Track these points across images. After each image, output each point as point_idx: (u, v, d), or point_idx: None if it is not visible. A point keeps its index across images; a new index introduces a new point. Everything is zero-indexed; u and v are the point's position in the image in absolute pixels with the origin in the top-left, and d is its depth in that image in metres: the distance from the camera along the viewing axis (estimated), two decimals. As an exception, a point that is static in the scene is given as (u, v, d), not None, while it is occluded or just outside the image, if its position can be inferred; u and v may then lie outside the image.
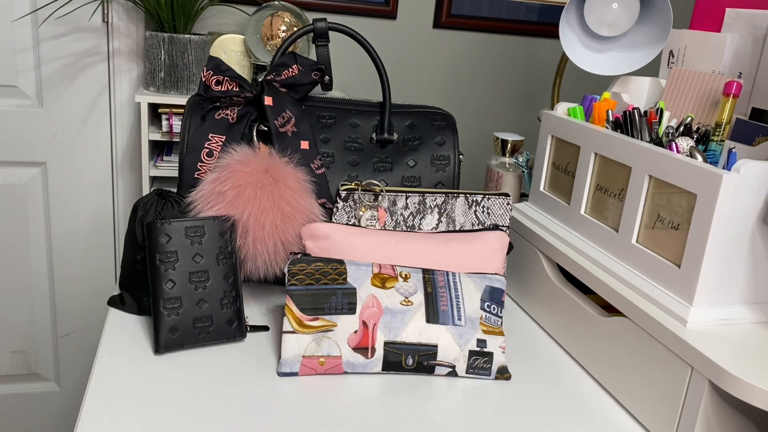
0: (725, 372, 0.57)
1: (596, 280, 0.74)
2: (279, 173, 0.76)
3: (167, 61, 1.51)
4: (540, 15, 2.04)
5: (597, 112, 0.84)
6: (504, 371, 0.72)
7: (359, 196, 0.81)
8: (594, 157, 0.80)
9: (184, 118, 0.82)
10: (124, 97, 1.75)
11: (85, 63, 1.71)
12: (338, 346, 0.69)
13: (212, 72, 0.81)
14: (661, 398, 0.64)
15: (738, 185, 0.61)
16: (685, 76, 0.86)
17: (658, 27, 0.88)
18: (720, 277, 0.64)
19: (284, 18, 1.58)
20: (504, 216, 0.83)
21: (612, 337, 0.72)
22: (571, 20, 0.93)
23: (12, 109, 1.69)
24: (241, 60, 1.59)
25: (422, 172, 0.87)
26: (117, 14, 1.69)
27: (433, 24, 1.98)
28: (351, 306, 0.70)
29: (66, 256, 1.85)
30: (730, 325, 0.65)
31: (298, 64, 0.83)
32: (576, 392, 0.72)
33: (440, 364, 0.71)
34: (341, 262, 0.72)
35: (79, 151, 1.77)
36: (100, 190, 1.82)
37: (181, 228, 0.72)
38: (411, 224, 0.82)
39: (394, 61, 1.98)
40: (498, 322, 0.73)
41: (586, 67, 0.92)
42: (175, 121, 1.51)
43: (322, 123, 0.87)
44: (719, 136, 0.74)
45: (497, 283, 0.74)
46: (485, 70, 2.08)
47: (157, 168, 1.57)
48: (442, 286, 0.72)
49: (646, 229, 0.72)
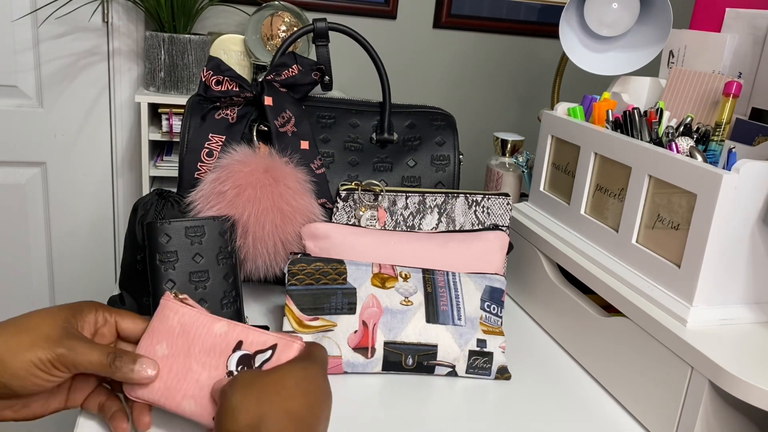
0: (725, 372, 0.57)
1: (596, 280, 0.74)
2: (279, 173, 0.76)
3: (167, 61, 1.51)
4: (540, 15, 2.04)
5: (597, 112, 0.84)
6: (504, 371, 0.72)
7: (359, 196, 0.81)
8: (594, 157, 0.80)
9: (184, 118, 0.82)
10: (124, 97, 1.75)
11: (85, 63, 1.71)
12: (338, 346, 0.69)
13: (212, 72, 0.81)
14: (661, 398, 0.64)
15: (738, 185, 0.61)
16: (685, 76, 0.86)
17: (658, 27, 0.88)
18: (720, 277, 0.64)
19: (284, 18, 1.59)
20: (504, 216, 0.83)
21: (612, 337, 0.72)
22: (571, 20, 0.93)
23: (12, 109, 1.69)
24: (241, 60, 1.59)
25: (422, 172, 0.87)
26: (117, 14, 1.69)
27: (433, 24, 1.98)
28: (351, 306, 0.70)
29: (66, 256, 1.85)
30: (730, 325, 0.65)
31: (298, 64, 0.83)
32: (576, 392, 0.72)
33: (440, 364, 0.71)
34: (341, 262, 0.72)
35: (79, 151, 1.77)
36: (100, 190, 1.82)
37: (181, 228, 0.72)
38: (411, 224, 0.82)
39: (394, 61, 1.98)
40: (498, 322, 0.73)
41: (586, 67, 0.92)
42: (175, 121, 1.51)
43: (322, 123, 0.87)
44: (719, 136, 0.74)
45: (497, 283, 0.74)
46: (485, 70, 2.08)
47: (157, 168, 1.57)
48: (442, 286, 0.73)
49: (646, 229, 0.72)
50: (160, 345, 0.57)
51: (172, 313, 0.58)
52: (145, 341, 0.58)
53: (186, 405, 0.55)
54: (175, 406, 0.56)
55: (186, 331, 0.57)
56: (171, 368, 0.56)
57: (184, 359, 0.56)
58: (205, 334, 0.57)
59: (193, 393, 0.55)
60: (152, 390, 0.56)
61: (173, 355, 0.56)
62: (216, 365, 0.56)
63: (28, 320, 0.54)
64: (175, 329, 0.57)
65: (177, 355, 0.56)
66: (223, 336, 0.56)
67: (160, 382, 0.56)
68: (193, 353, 0.56)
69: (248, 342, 0.56)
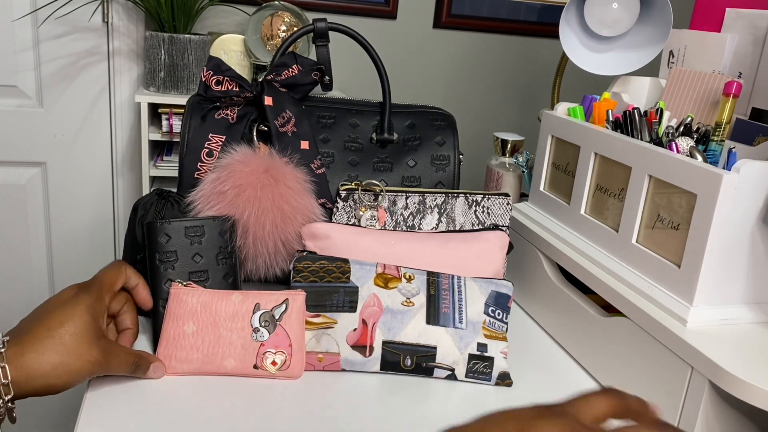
0: (725, 372, 0.57)
1: (596, 280, 0.74)
2: (279, 173, 0.76)
3: (167, 61, 1.51)
4: (540, 15, 2.04)
5: (597, 112, 0.84)
6: (505, 377, 0.71)
7: (359, 196, 0.81)
8: (594, 157, 0.80)
9: (184, 118, 0.82)
10: (124, 97, 1.75)
11: (85, 63, 1.71)
12: (337, 343, 0.69)
13: (212, 72, 0.81)
14: (661, 398, 0.64)
15: (738, 185, 0.61)
16: (685, 76, 0.86)
17: (658, 27, 0.88)
18: (720, 277, 0.64)
19: (284, 18, 1.58)
20: (504, 216, 0.83)
21: (612, 337, 0.72)
22: (571, 20, 0.93)
23: (12, 109, 1.69)
24: (241, 60, 1.59)
25: (422, 172, 0.87)
26: (117, 14, 1.69)
27: (433, 24, 1.98)
28: (352, 304, 0.70)
29: (66, 256, 1.85)
30: (730, 325, 0.65)
31: (298, 64, 0.83)
32: (575, 392, 0.72)
33: (439, 366, 0.70)
34: (346, 261, 0.72)
35: (79, 151, 1.77)
36: (100, 190, 1.82)
37: (180, 228, 0.72)
38: (411, 224, 0.82)
39: (394, 61, 1.98)
40: (503, 327, 0.72)
41: (586, 67, 0.92)
42: (175, 121, 1.51)
43: (322, 123, 0.87)
44: (719, 136, 0.74)
45: (504, 288, 0.74)
46: (485, 70, 2.08)
47: (157, 168, 1.57)
48: (446, 289, 0.72)
49: (646, 229, 0.72)
50: (188, 325, 0.66)
51: (188, 297, 0.67)
52: (169, 326, 0.67)
53: (227, 364, 0.67)
54: (217, 368, 0.67)
55: (207, 307, 0.67)
56: (204, 340, 0.66)
57: (213, 329, 0.66)
58: (225, 305, 0.67)
59: (231, 353, 0.66)
60: (191, 362, 0.67)
61: (202, 329, 0.66)
62: (242, 327, 0.67)
63: (61, 338, 0.58)
64: (197, 308, 0.67)
65: (206, 328, 0.67)
66: (241, 303, 0.67)
67: (198, 353, 0.66)
68: (220, 322, 0.66)
69: (264, 303, 0.67)
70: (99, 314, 0.62)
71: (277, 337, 0.67)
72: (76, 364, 0.58)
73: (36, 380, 0.56)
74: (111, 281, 0.66)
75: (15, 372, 0.55)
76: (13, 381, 0.55)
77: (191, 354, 0.66)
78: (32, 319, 0.59)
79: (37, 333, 0.57)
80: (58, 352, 0.57)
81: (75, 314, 0.59)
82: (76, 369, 0.58)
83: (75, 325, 0.59)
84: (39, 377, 0.56)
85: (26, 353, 0.56)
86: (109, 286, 0.66)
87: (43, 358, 0.56)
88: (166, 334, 0.67)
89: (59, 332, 0.58)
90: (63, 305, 0.60)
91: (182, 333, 0.66)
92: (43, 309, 0.60)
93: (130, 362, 0.64)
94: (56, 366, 0.57)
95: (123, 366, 0.63)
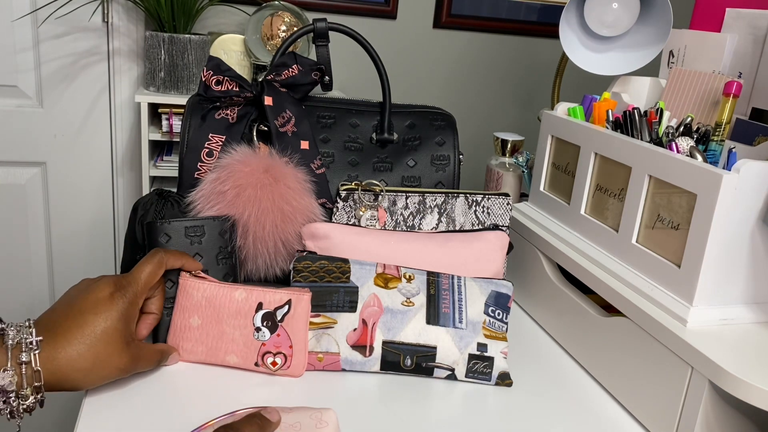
0: (725, 372, 0.57)
1: (596, 280, 0.74)
2: (279, 173, 0.76)
3: (167, 61, 1.51)
4: (540, 15, 2.04)
5: (597, 112, 0.84)
6: (505, 377, 0.71)
7: (359, 196, 0.81)
8: (594, 157, 0.80)
9: (184, 118, 0.82)
10: (124, 97, 1.75)
11: (85, 63, 1.71)
12: (337, 343, 0.69)
13: (212, 72, 0.81)
14: (661, 398, 0.64)
15: (738, 185, 0.61)
16: (685, 76, 0.86)
17: (658, 27, 0.88)
18: (720, 277, 0.64)
19: (284, 18, 1.59)
20: (504, 216, 0.83)
21: (612, 337, 0.72)
22: (571, 20, 0.93)
23: (12, 109, 1.69)
24: (241, 60, 1.59)
25: (422, 172, 0.87)
26: (117, 14, 1.69)
27: (433, 24, 1.98)
28: (352, 304, 0.70)
29: (66, 256, 1.85)
30: (730, 325, 0.65)
31: (298, 64, 0.83)
32: (575, 392, 0.72)
33: (439, 366, 0.70)
34: (346, 261, 0.72)
35: (79, 151, 1.77)
36: (100, 190, 1.82)
37: (180, 228, 0.72)
38: (411, 224, 0.82)
39: (394, 61, 1.98)
40: (503, 327, 0.72)
41: (586, 67, 0.92)
42: (175, 121, 1.51)
43: (322, 123, 0.87)
44: (719, 136, 0.74)
45: (504, 288, 0.74)
46: (485, 70, 2.08)
47: (157, 168, 1.57)
48: (446, 289, 0.72)
49: (646, 229, 0.72)
50: (193, 318, 0.68)
51: (194, 291, 0.68)
52: (177, 318, 0.68)
53: (229, 359, 0.68)
54: (221, 361, 0.69)
55: (211, 302, 0.68)
56: (208, 334, 0.68)
57: (217, 325, 0.68)
58: (228, 302, 0.68)
59: (233, 349, 0.68)
60: (197, 353, 0.69)
61: (207, 324, 0.68)
62: (244, 325, 0.67)
63: (95, 347, 0.58)
64: (202, 303, 0.68)
65: (210, 323, 0.68)
66: (244, 301, 0.68)
67: (202, 346, 0.68)
68: (223, 319, 0.67)
69: (267, 302, 0.68)
70: (132, 318, 0.62)
71: (279, 338, 0.67)
72: (104, 372, 0.59)
73: (63, 383, 0.57)
74: (149, 281, 0.64)
75: (47, 375, 0.55)
76: (44, 382, 0.56)
77: (196, 346, 0.68)
78: (64, 315, 0.58)
79: (70, 337, 0.57)
80: (89, 360, 0.57)
81: (109, 321, 0.59)
82: (105, 375, 0.59)
83: (108, 334, 0.58)
84: (67, 381, 0.57)
85: (59, 358, 0.56)
86: (145, 286, 0.64)
87: (74, 364, 0.57)
88: (174, 325, 0.68)
89: (92, 340, 0.58)
90: (97, 308, 0.59)
91: (188, 325, 0.68)
92: (76, 305, 0.59)
93: (155, 360, 0.66)
94: (87, 373, 0.57)
95: (148, 366, 0.65)
